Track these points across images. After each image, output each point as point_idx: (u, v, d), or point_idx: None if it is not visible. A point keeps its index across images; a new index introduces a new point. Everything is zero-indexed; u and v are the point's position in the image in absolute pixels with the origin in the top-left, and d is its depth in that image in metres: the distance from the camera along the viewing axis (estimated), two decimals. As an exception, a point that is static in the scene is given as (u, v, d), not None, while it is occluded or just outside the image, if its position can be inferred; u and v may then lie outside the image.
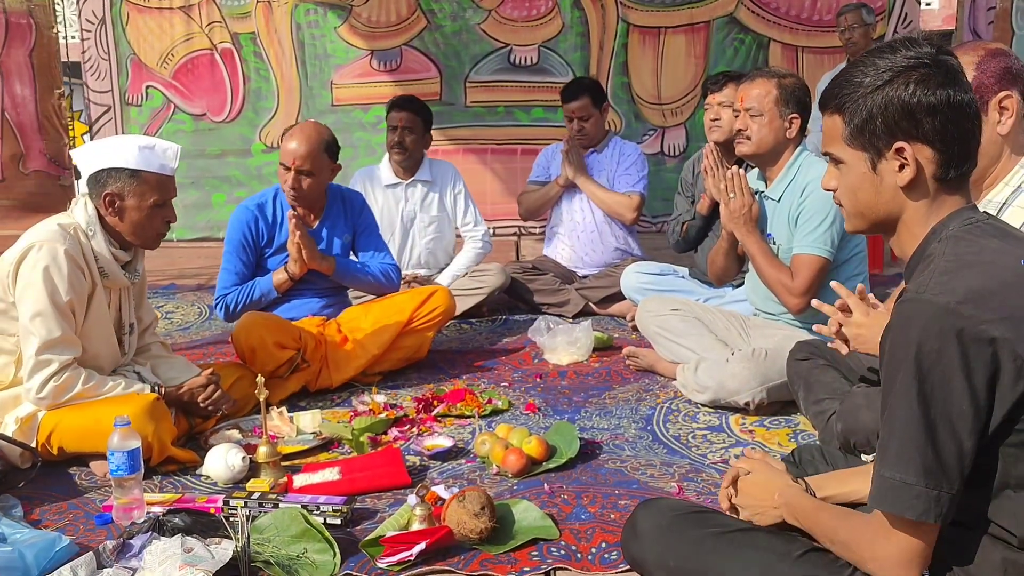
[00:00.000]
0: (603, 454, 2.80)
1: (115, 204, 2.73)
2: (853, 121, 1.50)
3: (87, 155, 2.78)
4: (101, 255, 2.74)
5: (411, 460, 2.77)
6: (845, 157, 1.54)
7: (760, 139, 3.15)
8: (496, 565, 2.12)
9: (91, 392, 2.69)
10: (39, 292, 2.62)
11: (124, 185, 2.72)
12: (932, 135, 1.45)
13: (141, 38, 6.89)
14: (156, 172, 2.74)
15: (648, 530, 1.74)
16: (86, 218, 2.74)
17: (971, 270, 1.40)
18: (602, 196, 4.56)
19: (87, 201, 2.76)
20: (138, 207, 2.74)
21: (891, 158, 1.48)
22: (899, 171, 1.48)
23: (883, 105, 1.46)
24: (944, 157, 1.46)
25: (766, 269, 3.15)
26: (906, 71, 1.46)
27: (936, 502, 1.36)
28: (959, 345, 1.33)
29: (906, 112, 1.45)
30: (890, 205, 1.52)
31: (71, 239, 2.68)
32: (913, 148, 1.46)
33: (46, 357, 2.63)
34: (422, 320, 3.68)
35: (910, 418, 1.37)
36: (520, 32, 6.69)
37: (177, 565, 2.03)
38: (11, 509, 2.42)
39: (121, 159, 2.72)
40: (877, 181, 1.51)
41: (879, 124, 1.47)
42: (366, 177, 4.65)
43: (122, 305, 2.92)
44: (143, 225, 2.77)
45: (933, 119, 1.44)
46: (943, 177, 1.48)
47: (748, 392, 3.04)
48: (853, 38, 5.53)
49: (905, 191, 1.49)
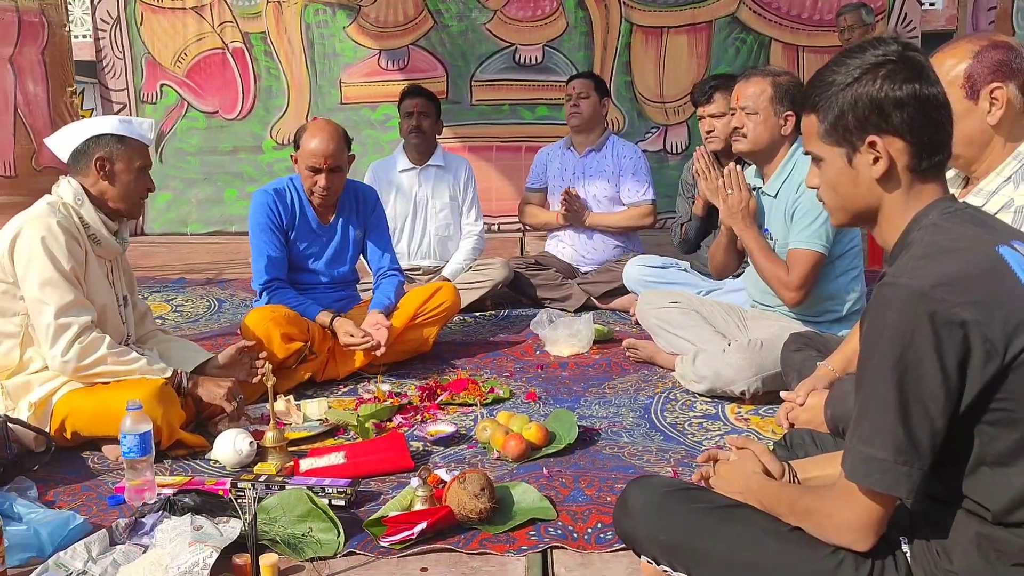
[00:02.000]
0: (601, 440, 2.86)
1: (106, 168, 2.83)
2: (827, 118, 1.57)
3: (62, 138, 2.88)
4: (92, 223, 2.83)
5: (414, 446, 2.83)
6: (823, 154, 1.60)
7: (755, 137, 3.22)
8: (495, 544, 2.18)
9: (115, 360, 2.76)
10: (42, 263, 2.70)
11: (113, 149, 2.83)
12: (902, 127, 1.51)
13: (155, 37, 6.99)
14: (138, 139, 2.87)
15: (639, 506, 1.79)
16: (72, 192, 2.83)
17: (947, 256, 1.46)
18: (616, 221, 4.68)
19: (69, 179, 2.86)
20: (127, 170, 2.85)
21: (865, 152, 1.54)
22: (873, 164, 1.54)
23: (853, 101, 1.53)
24: (915, 148, 1.52)
25: (763, 264, 3.21)
26: (874, 68, 1.52)
27: (908, 477, 1.42)
28: (931, 327, 1.39)
29: (875, 106, 1.51)
30: (868, 197, 1.58)
31: (61, 213, 2.78)
32: (884, 141, 1.52)
33: (64, 320, 2.71)
34: (427, 315, 3.75)
35: (884, 397, 1.42)
36: (525, 32, 6.76)
37: (187, 542, 2.10)
38: (26, 491, 2.49)
39: (104, 128, 2.85)
40: (854, 175, 1.57)
41: (850, 119, 1.54)
42: (379, 169, 4.74)
43: (113, 278, 2.98)
44: (131, 189, 2.87)
45: (901, 112, 1.51)
46: (917, 168, 1.54)
47: (744, 382, 3.11)
48: (853, 38, 5.58)
49: (880, 183, 1.55)
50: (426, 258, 4.72)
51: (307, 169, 3.56)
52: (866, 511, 1.47)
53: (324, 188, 3.55)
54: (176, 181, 7.12)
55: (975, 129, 2.11)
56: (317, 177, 3.54)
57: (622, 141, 4.81)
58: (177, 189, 7.13)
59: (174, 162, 7.11)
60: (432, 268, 4.70)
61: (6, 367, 2.81)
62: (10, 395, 2.78)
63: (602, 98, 4.71)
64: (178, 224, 7.17)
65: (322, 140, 3.52)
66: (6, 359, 2.81)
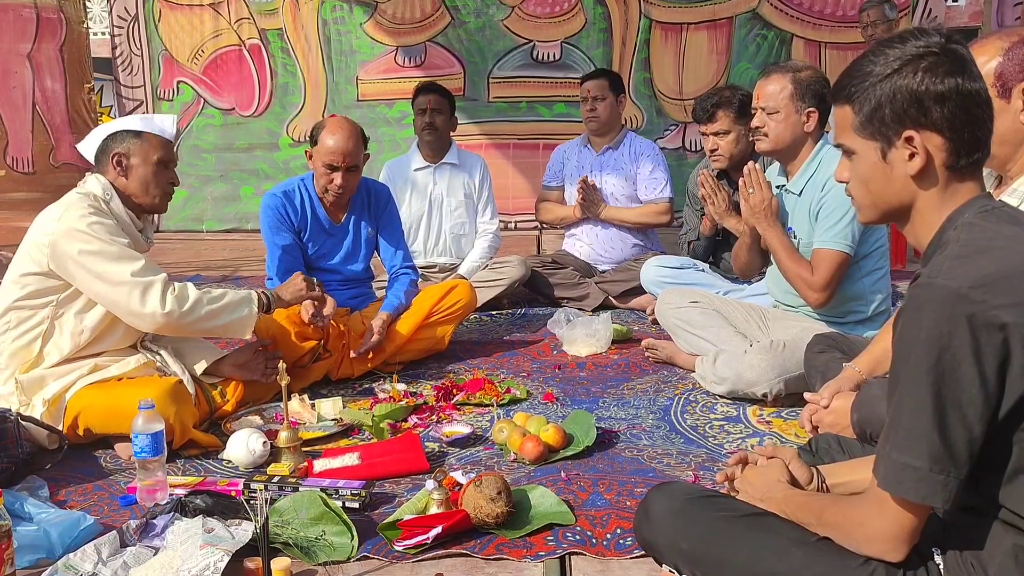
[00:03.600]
0: (620, 443, 2.81)
1: (123, 163, 2.84)
2: (862, 110, 1.50)
3: (90, 140, 2.91)
4: (120, 217, 2.84)
5: (430, 447, 2.79)
6: (856, 147, 1.54)
7: (777, 136, 3.14)
8: (512, 549, 2.14)
9: (209, 300, 2.83)
10: (97, 243, 2.71)
11: (129, 144, 2.85)
12: (941, 123, 1.45)
13: (172, 34, 7.00)
14: (158, 134, 2.88)
15: (660, 513, 1.75)
16: (101, 187, 2.84)
17: (984, 255, 1.40)
18: (632, 217, 4.63)
19: (97, 175, 2.87)
20: (144, 163, 2.85)
21: (901, 147, 1.48)
22: (909, 160, 1.48)
23: (891, 93, 1.46)
24: (954, 145, 1.46)
25: (786, 263, 3.15)
26: (915, 59, 1.46)
27: (944, 486, 1.36)
28: (970, 330, 1.33)
29: (914, 100, 1.45)
30: (901, 194, 1.52)
31: (93, 204, 2.78)
32: (922, 136, 1.46)
33: (145, 280, 2.73)
34: (443, 313, 3.71)
35: (919, 402, 1.37)
36: (543, 28, 6.72)
37: (198, 544, 2.06)
38: (38, 490, 2.48)
39: (124, 125, 2.90)
40: (888, 170, 1.51)
41: (888, 112, 1.47)
42: (394, 168, 4.72)
43: None
44: (150, 182, 2.87)
45: (942, 107, 1.44)
46: (954, 165, 1.48)
47: (766, 383, 3.05)
48: (876, 34, 5.50)
49: (916, 180, 1.49)
50: (442, 256, 4.69)
51: (323, 166, 3.52)
52: (899, 521, 1.41)
53: (340, 187, 3.52)
54: (192, 178, 7.11)
55: (1008, 128, 2.04)
56: (333, 175, 3.51)
57: (640, 138, 4.77)
58: (193, 186, 7.13)
59: (190, 159, 7.10)
60: (448, 266, 4.67)
61: (24, 360, 2.79)
62: (24, 390, 2.76)
63: (618, 96, 4.65)
64: (194, 221, 7.17)
65: (341, 138, 3.48)
66: (26, 351, 2.79)
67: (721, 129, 3.83)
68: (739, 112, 3.82)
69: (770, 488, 1.69)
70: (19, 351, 2.78)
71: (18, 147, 6.77)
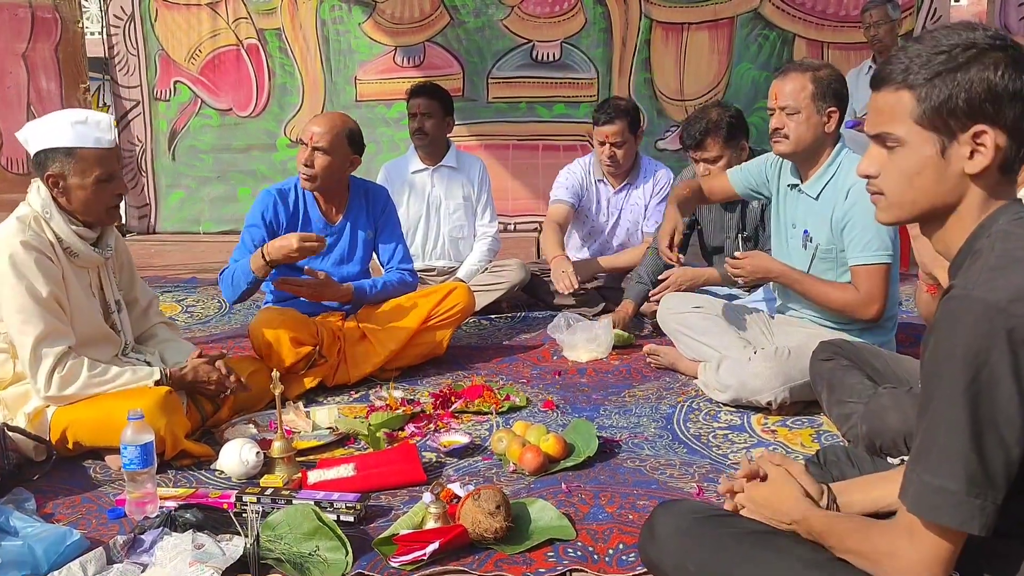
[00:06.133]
0: (622, 453, 2.75)
1: (59, 185, 2.64)
2: (930, 99, 1.38)
3: (28, 135, 2.68)
4: (64, 237, 2.67)
5: (427, 456, 2.73)
6: (910, 138, 1.42)
7: (798, 137, 3.03)
8: (511, 566, 2.08)
9: (98, 381, 2.64)
10: (14, 290, 2.56)
11: (63, 165, 2.61)
12: (1010, 122, 1.36)
13: (169, 34, 6.94)
14: (92, 147, 2.62)
15: (667, 533, 1.69)
16: (40, 202, 2.66)
17: (1022, 266, 1.33)
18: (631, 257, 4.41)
19: (40, 185, 2.68)
20: (81, 185, 2.63)
21: (964, 142, 1.38)
22: (970, 157, 1.39)
23: (968, 84, 1.36)
24: (1016, 147, 1.38)
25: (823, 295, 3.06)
26: (990, 51, 1.36)
27: (981, 511, 1.29)
28: (1009, 346, 1.26)
29: (992, 94, 1.35)
30: (950, 194, 1.42)
31: (31, 230, 2.62)
32: (994, 133, 1.37)
33: (40, 352, 2.58)
34: (441, 317, 3.64)
35: (954, 421, 1.29)
36: (543, 28, 6.65)
37: (187, 561, 2.01)
38: (24, 502, 2.41)
39: (56, 138, 2.62)
40: (943, 167, 1.40)
41: (961, 104, 1.36)
42: (392, 170, 4.66)
43: (103, 284, 2.84)
44: (91, 201, 2.67)
45: (1015, 105, 1.36)
46: (1008, 168, 1.39)
47: (770, 392, 2.98)
48: (879, 34, 5.43)
49: (973, 179, 1.40)
50: (440, 259, 4.63)
51: (301, 144, 3.52)
52: (934, 549, 1.33)
53: (304, 163, 3.48)
54: (189, 179, 7.05)
55: None
56: (304, 153, 3.48)
57: (654, 164, 4.55)
58: (190, 187, 7.06)
59: (187, 160, 7.03)
60: (446, 269, 4.61)
61: (1, 379, 2.72)
62: (8, 406, 2.70)
63: (637, 134, 4.39)
64: (190, 223, 7.09)
65: (319, 120, 3.54)
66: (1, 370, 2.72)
67: (711, 156, 3.68)
68: (728, 135, 3.68)
69: (788, 505, 1.62)
70: None
71: (13, 148, 6.70)
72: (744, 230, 3.82)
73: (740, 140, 3.74)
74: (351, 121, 3.60)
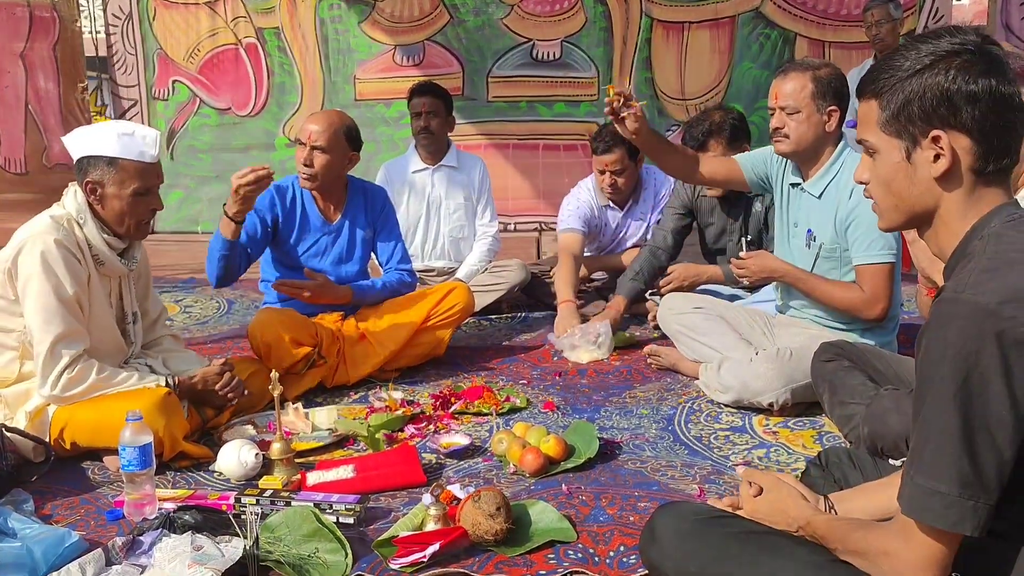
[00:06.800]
0: (623, 454, 2.74)
1: (96, 192, 2.68)
2: (889, 106, 1.44)
3: (74, 141, 2.72)
4: (94, 243, 2.70)
5: (427, 458, 2.72)
6: (879, 145, 1.47)
7: (799, 137, 3.03)
8: (511, 568, 2.07)
9: (104, 384, 2.64)
10: (41, 287, 2.58)
11: (104, 173, 2.66)
12: (971, 124, 1.38)
13: (168, 33, 6.92)
14: (135, 160, 2.66)
15: (668, 535, 1.68)
16: (76, 207, 2.69)
17: (1013, 268, 1.33)
18: None
19: (77, 190, 2.71)
20: (118, 195, 2.67)
21: (927, 147, 1.41)
22: (934, 161, 1.41)
23: (921, 90, 1.40)
24: (983, 149, 1.39)
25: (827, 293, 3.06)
26: (948, 56, 1.39)
27: (973, 512, 1.30)
28: (999, 348, 1.26)
29: (945, 98, 1.39)
30: (924, 198, 1.45)
31: (64, 230, 2.65)
32: (950, 137, 1.40)
33: (58, 351, 2.60)
34: (440, 317, 3.63)
35: (946, 424, 1.30)
36: (543, 27, 6.63)
37: (186, 563, 2.00)
38: (22, 503, 2.40)
39: (101, 147, 2.66)
40: (911, 171, 1.44)
41: (916, 110, 1.41)
42: (392, 169, 4.64)
43: (123, 294, 2.86)
44: (125, 213, 2.70)
45: (973, 108, 1.38)
46: (981, 170, 1.41)
47: (772, 393, 2.97)
48: (880, 33, 5.43)
49: (940, 183, 1.42)
50: (440, 259, 4.62)
51: (299, 144, 3.52)
52: (929, 551, 1.34)
53: (303, 163, 3.48)
54: (187, 179, 7.03)
55: None
56: (302, 152, 3.48)
57: (654, 175, 4.46)
58: (188, 187, 7.04)
59: (186, 159, 7.02)
60: (446, 269, 4.60)
61: (5, 378, 2.71)
62: (8, 404, 2.69)
63: (637, 159, 4.29)
64: (189, 223, 7.08)
65: (316, 118, 3.52)
66: (5, 371, 2.71)
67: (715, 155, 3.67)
68: (731, 137, 3.70)
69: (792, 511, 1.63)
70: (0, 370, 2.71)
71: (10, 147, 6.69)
72: (747, 234, 3.81)
73: (742, 143, 3.75)
74: (347, 118, 3.59)
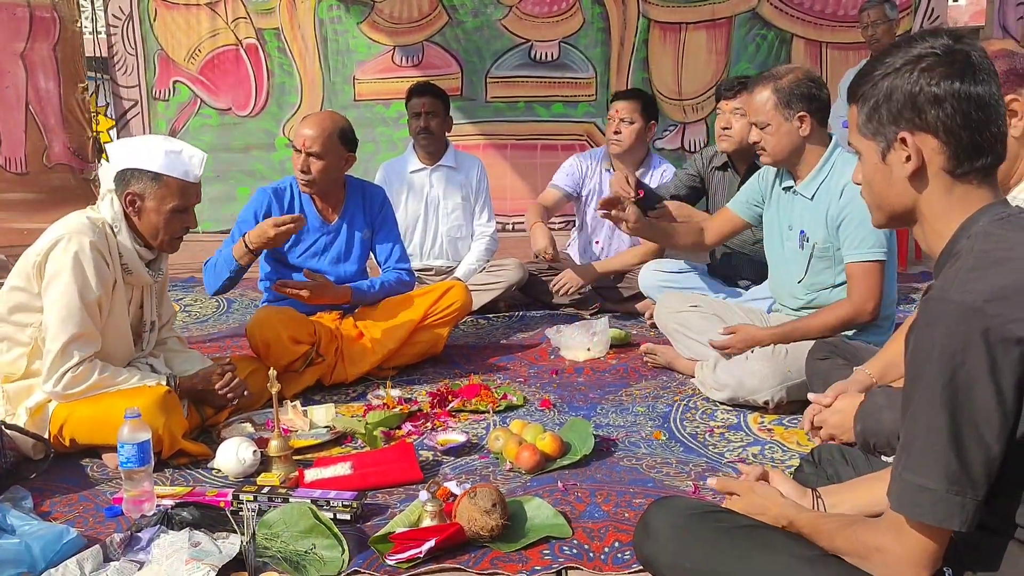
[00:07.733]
0: (618, 452, 2.75)
1: (135, 204, 2.72)
2: (863, 110, 1.49)
3: (119, 151, 2.77)
4: (126, 251, 2.74)
5: (424, 455, 2.74)
6: (860, 147, 1.52)
7: (774, 148, 3.06)
8: (507, 563, 2.08)
9: (105, 383, 2.67)
10: (68, 285, 2.61)
11: (146, 187, 2.71)
12: (936, 126, 1.41)
13: (168, 34, 6.94)
14: (179, 178, 2.72)
15: (662, 529, 1.69)
16: (112, 214, 2.74)
17: (999, 267, 1.34)
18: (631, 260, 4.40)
19: (114, 197, 2.75)
20: (157, 210, 2.72)
21: (898, 148, 1.45)
22: (905, 162, 1.45)
23: (888, 93, 1.44)
24: (953, 149, 1.41)
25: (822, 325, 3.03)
26: (915, 60, 1.43)
27: (961, 508, 1.31)
28: (985, 346, 1.28)
29: (909, 101, 1.42)
30: (902, 197, 1.48)
31: (99, 232, 2.69)
32: (916, 138, 1.43)
33: (70, 351, 2.62)
34: (438, 316, 3.65)
35: (933, 421, 1.32)
36: (541, 28, 6.66)
37: (183, 559, 2.01)
38: (21, 500, 2.42)
39: (146, 161, 2.71)
40: (887, 172, 1.48)
41: (884, 112, 1.45)
42: (390, 169, 4.65)
43: (144, 303, 2.91)
44: (160, 228, 2.75)
45: (937, 109, 1.40)
46: (955, 170, 1.43)
47: (767, 391, 2.99)
48: (876, 34, 5.43)
49: (912, 183, 1.46)
50: (438, 259, 4.63)
51: (295, 150, 3.52)
52: (919, 546, 1.36)
53: (301, 170, 3.49)
54: (188, 179, 7.05)
55: None
56: (299, 159, 3.49)
57: (666, 164, 4.51)
58: (189, 187, 7.07)
59: (186, 159, 7.04)
60: (444, 268, 4.61)
61: (11, 374, 2.73)
62: (10, 399, 2.71)
63: (649, 122, 4.36)
64: (189, 222, 7.10)
65: (309, 123, 3.51)
66: (12, 366, 2.73)
67: (740, 108, 3.74)
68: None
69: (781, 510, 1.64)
70: (6, 365, 2.73)
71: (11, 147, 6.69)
72: None
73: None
74: (340, 119, 3.60)
